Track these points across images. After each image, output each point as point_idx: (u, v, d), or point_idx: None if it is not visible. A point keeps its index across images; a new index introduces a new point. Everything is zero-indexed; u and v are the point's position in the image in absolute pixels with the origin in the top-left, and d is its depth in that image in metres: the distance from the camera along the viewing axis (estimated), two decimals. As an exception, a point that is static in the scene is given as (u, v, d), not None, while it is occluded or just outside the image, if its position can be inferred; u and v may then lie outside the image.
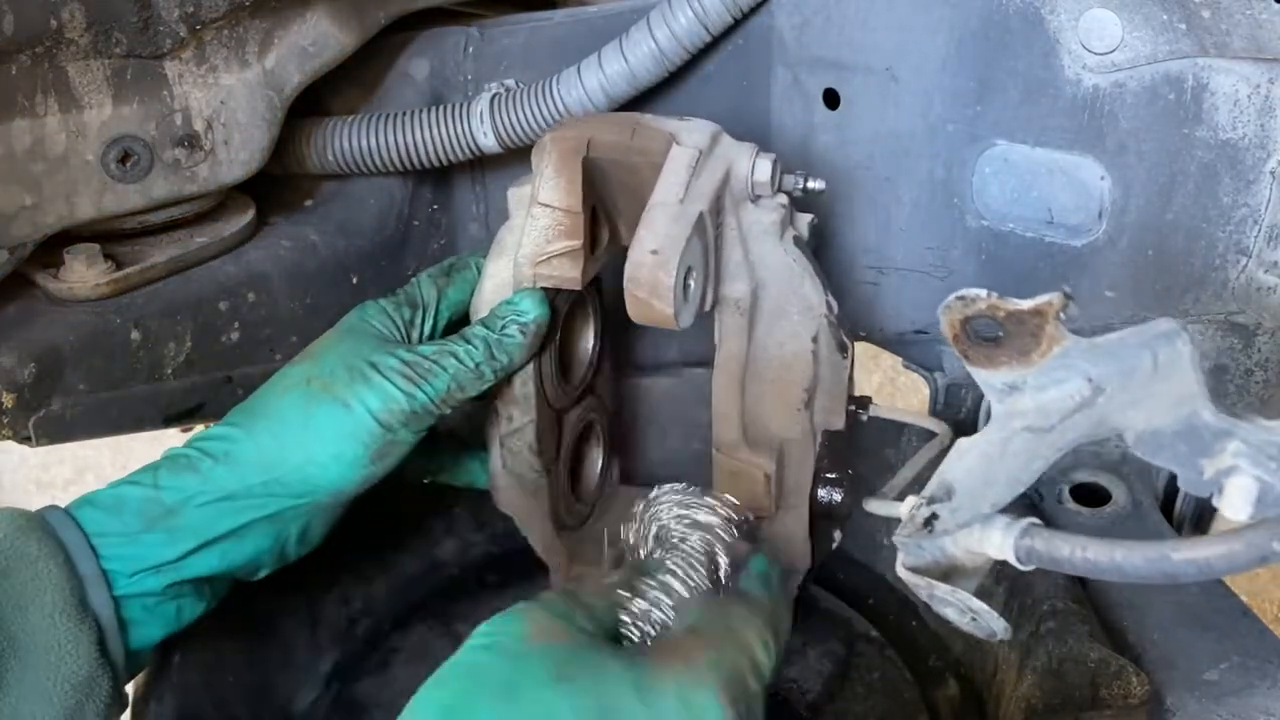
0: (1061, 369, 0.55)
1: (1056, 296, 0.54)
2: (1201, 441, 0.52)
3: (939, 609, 0.63)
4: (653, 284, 0.68)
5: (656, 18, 0.91)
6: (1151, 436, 0.53)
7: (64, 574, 0.68)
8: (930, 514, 0.62)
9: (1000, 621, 0.61)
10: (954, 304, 0.57)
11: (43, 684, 0.67)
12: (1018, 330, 0.55)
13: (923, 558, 0.63)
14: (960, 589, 0.62)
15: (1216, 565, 0.51)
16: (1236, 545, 0.50)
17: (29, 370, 0.81)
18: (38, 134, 0.81)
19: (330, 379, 0.78)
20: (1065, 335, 0.55)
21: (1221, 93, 0.81)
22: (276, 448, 0.76)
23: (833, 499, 0.82)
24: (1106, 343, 0.54)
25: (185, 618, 0.77)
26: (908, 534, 0.63)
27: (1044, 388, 0.56)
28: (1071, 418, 0.56)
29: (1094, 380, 0.55)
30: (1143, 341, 0.53)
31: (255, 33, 0.88)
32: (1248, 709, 0.76)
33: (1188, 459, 0.52)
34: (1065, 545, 0.56)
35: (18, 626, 0.66)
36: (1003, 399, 0.58)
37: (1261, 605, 2.10)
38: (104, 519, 0.73)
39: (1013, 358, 0.56)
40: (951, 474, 0.61)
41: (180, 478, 0.75)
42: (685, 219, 0.70)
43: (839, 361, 0.80)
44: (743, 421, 0.81)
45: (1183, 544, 0.52)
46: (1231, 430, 0.51)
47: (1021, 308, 0.55)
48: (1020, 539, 0.59)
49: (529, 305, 0.81)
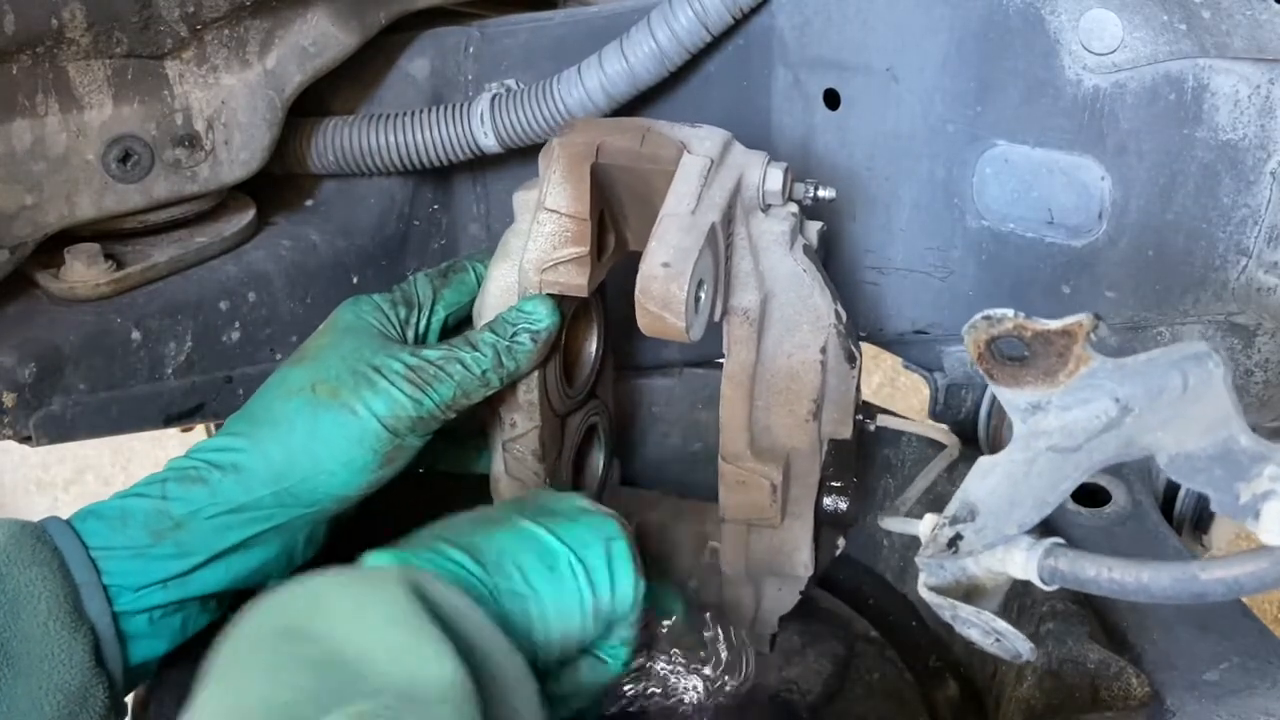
0: (1088, 389, 0.55)
1: (1086, 317, 0.53)
2: (1238, 465, 0.51)
3: (962, 630, 0.62)
4: (665, 297, 0.67)
5: (657, 18, 0.91)
6: (1185, 460, 0.53)
7: (58, 581, 0.67)
8: (955, 534, 0.61)
9: (1026, 643, 0.60)
10: (979, 323, 0.56)
11: (34, 692, 0.65)
12: (1044, 351, 0.55)
13: (944, 578, 0.62)
14: (983, 610, 0.61)
15: (1246, 584, 0.50)
16: (1264, 564, 0.49)
17: (29, 370, 0.81)
18: (38, 134, 0.81)
19: (336, 384, 0.76)
20: (1093, 355, 0.54)
21: (1222, 93, 0.81)
22: (284, 457, 0.75)
23: (838, 508, 0.81)
24: (1135, 363, 0.53)
25: (190, 631, 0.76)
26: (930, 554, 0.62)
27: (1069, 408, 0.55)
28: (1099, 438, 0.55)
29: (1121, 400, 0.54)
30: (1173, 362, 0.53)
31: (256, 33, 0.88)
32: (1248, 709, 0.76)
33: (1223, 483, 0.51)
34: (1090, 566, 0.55)
35: (9, 633, 0.65)
36: (1026, 419, 0.57)
37: (1261, 606, 2.10)
38: (109, 532, 0.72)
39: (1038, 378, 0.55)
40: (975, 494, 0.60)
41: (189, 490, 0.74)
42: (697, 231, 0.69)
43: (847, 371, 0.79)
44: (750, 431, 0.80)
45: (1210, 564, 0.51)
46: (1268, 455, 0.50)
47: (1049, 328, 0.54)
48: (1044, 559, 0.57)
49: (543, 313, 0.79)
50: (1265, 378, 0.94)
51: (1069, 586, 0.57)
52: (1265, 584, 0.50)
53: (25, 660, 0.65)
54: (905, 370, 1.09)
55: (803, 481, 0.82)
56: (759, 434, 0.80)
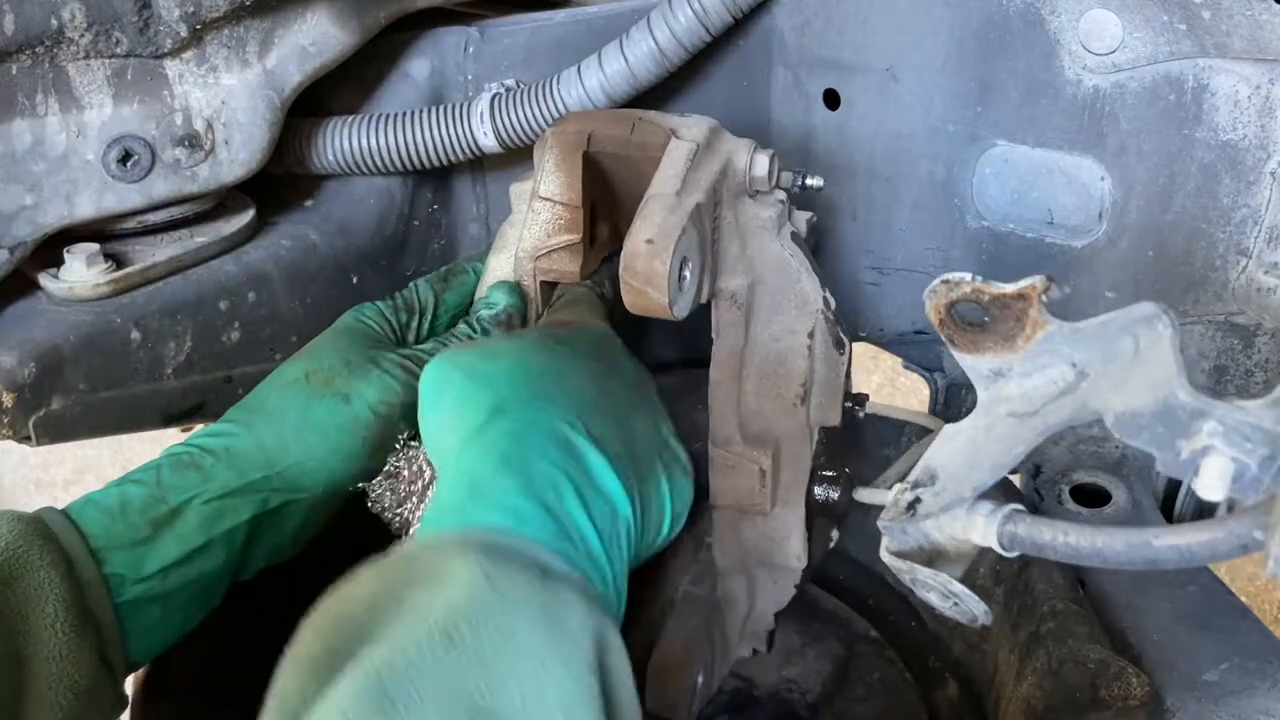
0: (1046, 354, 0.56)
1: (1040, 279, 0.54)
2: (1178, 422, 0.51)
3: (921, 593, 0.64)
4: (648, 273, 0.68)
5: (656, 18, 0.91)
6: (1130, 418, 0.53)
7: (66, 582, 0.67)
8: (914, 498, 0.62)
9: (981, 605, 0.61)
10: (939, 288, 0.57)
11: (45, 693, 0.66)
12: (1002, 315, 0.56)
13: (907, 543, 0.63)
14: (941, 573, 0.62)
15: (1199, 552, 0.51)
16: (1218, 533, 0.50)
17: (29, 370, 0.81)
18: (38, 134, 0.81)
19: (329, 374, 0.78)
20: (1049, 320, 0.55)
21: (1222, 93, 0.81)
22: (276, 443, 0.76)
23: (830, 497, 0.82)
24: (1089, 327, 0.54)
25: (190, 621, 0.76)
26: (890, 518, 0.63)
27: (1029, 374, 0.56)
28: (1054, 402, 0.56)
29: (1077, 365, 0.55)
30: (1124, 325, 0.53)
31: (256, 33, 0.88)
32: (1248, 709, 0.76)
33: (1165, 440, 0.52)
34: (1048, 530, 0.56)
35: (20, 636, 0.65)
36: (988, 386, 0.58)
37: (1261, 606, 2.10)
38: (108, 523, 0.72)
39: (998, 343, 0.56)
40: (935, 459, 0.62)
41: (183, 476, 0.74)
42: (681, 210, 0.70)
43: (835, 358, 0.80)
44: (739, 416, 0.81)
45: (1165, 530, 0.52)
46: (1207, 410, 0.50)
47: (1005, 291, 0.55)
48: (1003, 525, 0.59)
49: (498, 297, 0.83)
50: (1265, 378, 0.95)
51: (1027, 551, 0.58)
52: (1218, 553, 0.50)
53: (36, 662, 0.66)
54: (905, 370, 1.09)
55: (793, 468, 0.82)
56: (748, 419, 0.81)
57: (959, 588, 0.61)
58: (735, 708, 0.96)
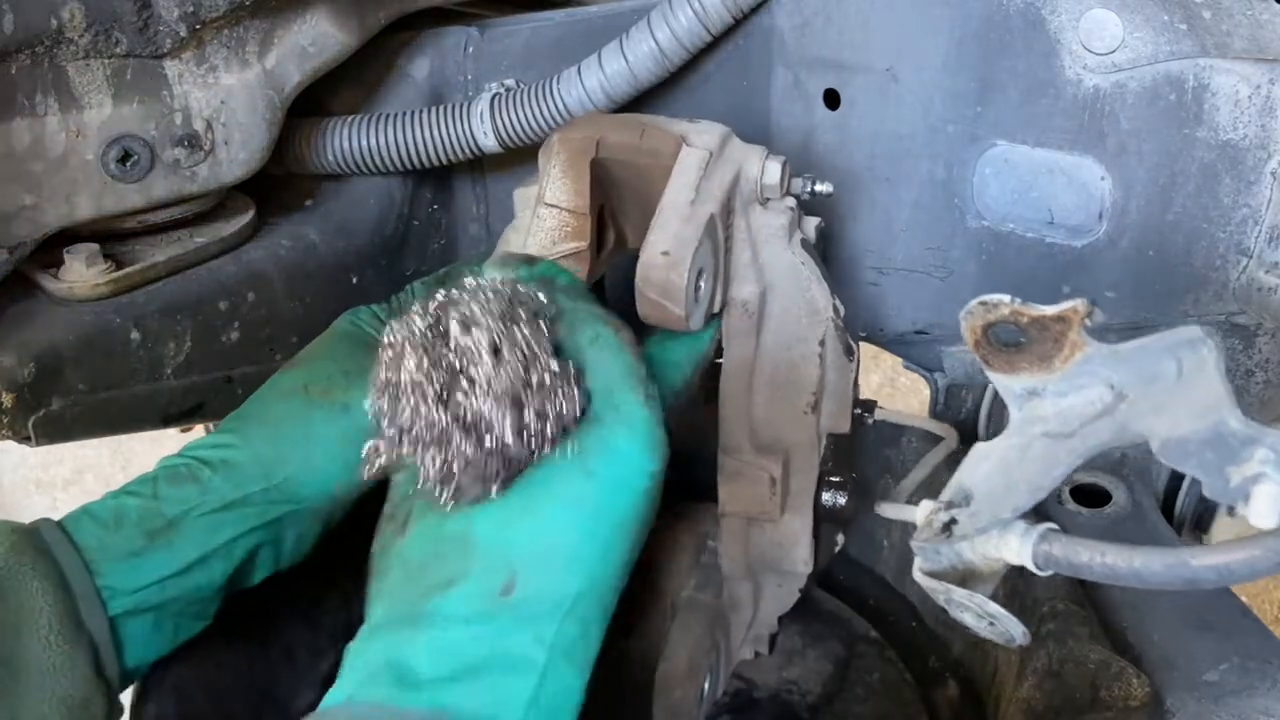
0: (1083, 375, 0.55)
1: (1081, 303, 0.54)
2: (1229, 449, 0.51)
3: (956, 614, 0.63)
4: (664, 285, 0.67)
5: (657, 17, 0.91)
6: (1177, 444, 0.53)
7: (59, 594, 0.67)
8: (949, 519, 0.61)
9: (1019, 626, 0.60)
10: (976, 309, 0.56)
11: (38, 706, 0.65)
12: (1040, 336, 0.55)
13: (939, 563, 0.62)
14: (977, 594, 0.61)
15: (1238, 571, 0.50)
16: (1256, 551, 0.49)
17: (29, 370, 0.81)
18: (38, 134, 0.81)
19: (328, 384, 0.78)
20: (1088, 341, 0.54)
21: (1222, 93, 0.80)
22: (275, 454, 0.75)
23: (837, 502, 0.81)
24: (1129, 349, 0.54)
25: (183, 633, 0.75)
26: (925, 539, 0.62)
27: (1064, 394, 0.56)
28: (1092, 424, 0.56)
29: (1116, 387, 0.54)
30: (1166, 348, 0.53)
31: (255, 33, 0.88)
32: (1248, 709, 0.76)
33: (1214, 466, 0.52)
34: (1084, 551, 0.55)
35: (13, 649, 0.65)
36: (1022, 405, 0.57)
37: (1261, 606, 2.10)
38: (104, 534, 0.71)
39: (1034, 364, 0.56)
40: (969, 479, 0.61)
41: (180, 488, 0.74)
42: (696, 221, 0.70)
43: (845, 365, 0.80)
44: (749, 425, 0.80)
45: (1202, 550, 0.51)
46: (1259, 438, 0.50)
47: (1045, 314, 0.54)
48: (1039, 544, 0.58)
49: None
50: (1265, 378, 0.94)
51: (1063, 572, 0.58)
52: (1257, 571, 0.50)
53: (29, 675, 0.65)
54: (905, 370, 1.09)
55: (802, 476, 0.82)
56: (758, 427, 0.80)
57: (995, 608, 0.60)
58: (736, 709, 0.96)
